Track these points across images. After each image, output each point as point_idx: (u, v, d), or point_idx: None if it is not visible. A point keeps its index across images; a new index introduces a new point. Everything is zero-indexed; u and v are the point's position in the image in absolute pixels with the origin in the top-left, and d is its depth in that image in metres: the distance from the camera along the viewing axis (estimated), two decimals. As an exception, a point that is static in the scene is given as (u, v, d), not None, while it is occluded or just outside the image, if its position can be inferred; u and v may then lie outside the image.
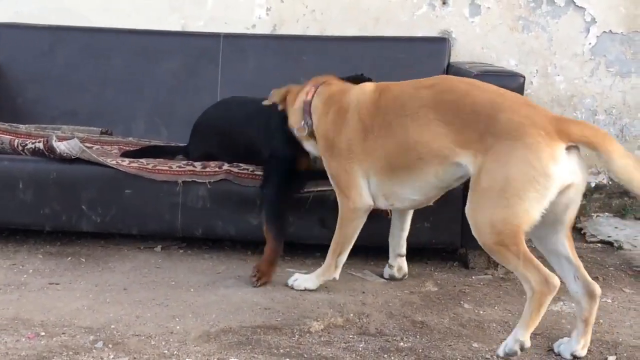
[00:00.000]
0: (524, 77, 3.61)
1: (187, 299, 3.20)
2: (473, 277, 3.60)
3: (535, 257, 2.72)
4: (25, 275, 3.43)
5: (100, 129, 4.27)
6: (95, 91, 4.44)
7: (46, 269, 3.52)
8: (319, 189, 3.58)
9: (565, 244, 2.80)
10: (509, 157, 2.67)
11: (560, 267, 2.84)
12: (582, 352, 2.80)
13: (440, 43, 4.41)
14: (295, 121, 3.41)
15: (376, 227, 3.61)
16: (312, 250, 3.82)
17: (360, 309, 3.18)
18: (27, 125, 4.20)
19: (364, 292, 3.36)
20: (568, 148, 2.66)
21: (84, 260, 3.66)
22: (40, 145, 3.69)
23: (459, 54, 4.52)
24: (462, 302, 3.29)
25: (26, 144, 3.74)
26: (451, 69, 4.18)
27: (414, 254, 3.83)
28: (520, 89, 3.56)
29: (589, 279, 2.81)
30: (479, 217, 2.77)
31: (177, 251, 3.82)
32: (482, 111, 2.80)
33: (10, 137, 3.87)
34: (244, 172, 3.64)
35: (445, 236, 3.65)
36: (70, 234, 3.91)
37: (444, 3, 4.54)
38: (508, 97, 2.86)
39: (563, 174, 2.64)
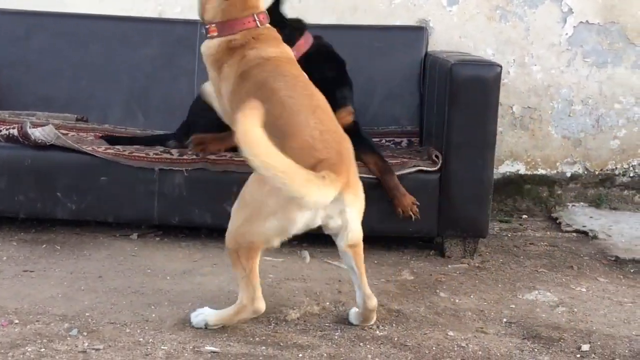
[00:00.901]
0: (501, 66, 3.62)
1: (162, 287, 3.19)
2: (449, 266, 3.62)
3: (258, 280, 2.80)
4: (-1, 263, 3.41)
5: (75, 116, 4.24)
6: (71, 77, 4.41)
7: (20, 256, 3.50)
8: None
9: (347, 257, 2.89)
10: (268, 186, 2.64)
11: (352, 277, 2.93)
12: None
13: (418, 32, 4.41)
14: None
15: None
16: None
17: (337, 297, 3.18)
18: (1, 112, 4.16)
19: (340, 281, 3.36)
20: None
21: (59, 247, 3.63)
22: (15, 132, 3.66)
23: (437, 43, 4.52)
24: (438, 291, 3.30)
25: (0, 130, 3.71)
26: (428, 58, 4.18)
27: (390, 242, 3.84)
28: (497, 79, 3.58)
29: (368, 291, 2.90)
30: (233, 219, 2.81)
31: (154, 239, 3.80)
32: (281, 130, 2.76)
33: None
34: (221, 159, 3.62)
35: (421, 225, 3.66)
36: (45, 222, 3.88)
37: (422, -8, 4.54)
38: (308, 126, 2.79)
39: (308, 219, 2.73)
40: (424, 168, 3.62)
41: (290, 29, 3.57)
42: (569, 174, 4.62)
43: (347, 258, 2.91)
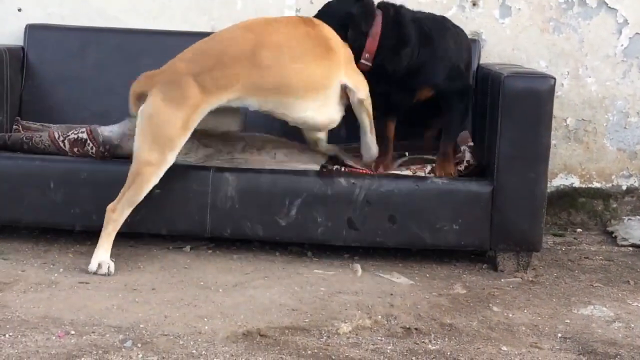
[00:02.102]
0: (555, 78, 3.58)
1: (215, 300, 3.21)
2: (502, 280, 3.58)
3: None
4: (55, 274, 3.45)
5: None
6: (125, 93, 4.42)
7: (76, 268, 3.55)
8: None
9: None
10: None
11: None
12: None
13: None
14: None
15: (404, 228, 3.62)
16: (340, 251, 3.82)
17: (389, 310, 3.17)
18: (58, 125, 4.24)
19: (391, 294, 3.35)
20: None
21: (113, 259, 3.66)
22: (84, 135, 3.76)
23: (489, 56, 4.49)
24: (490, 305, 3.27)
25: (68, 135, 3.80)
26: (481, 70, 4.16)
27: (442, 255, 3.82)
28: (551, 91, 3.54)
29: None
30: None
31: (206, 251, 3.83)
32: None
33: (48, 132, 3.94)
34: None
35: (473, 238, 3.64)
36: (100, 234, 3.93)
37: (474, 4, 4.52)
38: None
39: None
40: (471, 161, 3.68)
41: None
42: (624, 187, 4.54)
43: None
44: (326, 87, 3.56)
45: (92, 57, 4.47)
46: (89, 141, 3.76)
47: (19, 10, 4.63)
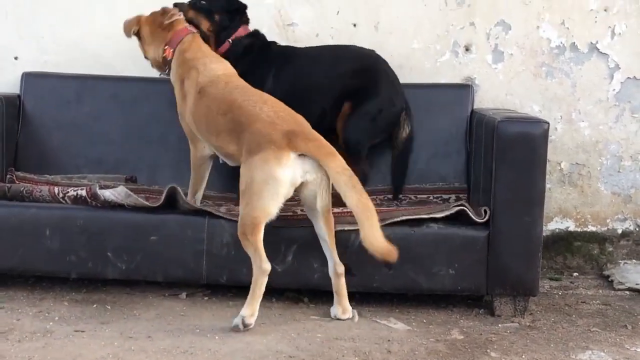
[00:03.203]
0: (549, 123, 3.61)
1: (211, 347, 3.19)
2: (499, 325, 3.57)
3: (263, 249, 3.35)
4: (51, 323, 3.43)
5: (125, 176, 4.30)
6: (120, 139, 4.47)
7: (72, 316, 3.53)
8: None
9: (322, 227, 3.48)
10: (250, 166, 3.35)
11: (323, 247, 3.51)
12: (342, 316, 3.52)
13: (464, 90, 4.42)
14: None
15: (400, 273, 3.61)
16: (337, 297, 3.81)
17: (386, 357, 3.15)
18: (53, 176, 4.25)
19: (389, 340, 3.33)
20: (300, 155, 3.33)
21: (109, 307, 3.66)
22: (83, 193, 3.75)
23: (483, 101, 4.53)
24: (488, 351, 3.26)
25: (67, 192, 3.79)
26: (475, 116, 4.19)
27: (439, 300, 3.81)
28: (545, 135, 3.57)
29: (337, 259, 3.49)
30: (240, 211, 3.39)
31: (202, 298, 3.81)
32: (244, 123, 3.47)
33: (49, 186, 3.96)
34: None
35: (470, 283, 3.64)
36: (96, 281, 3.92)
37: (467, 50, 4.56)
38: (263, 112, 3.46)
39: (290, 175, 3.31)
40: (469, 211, 3.61)
41: None
42: (620, 231, 4.55)
43: (321, 232, 3.47)
44: None
45: (88, 105, 4.50)
46: (89, 200, 3.74)
47: (16, 58, 4.67)
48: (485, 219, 3.60)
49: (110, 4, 4.65)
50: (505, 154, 3.57)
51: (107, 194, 3.70)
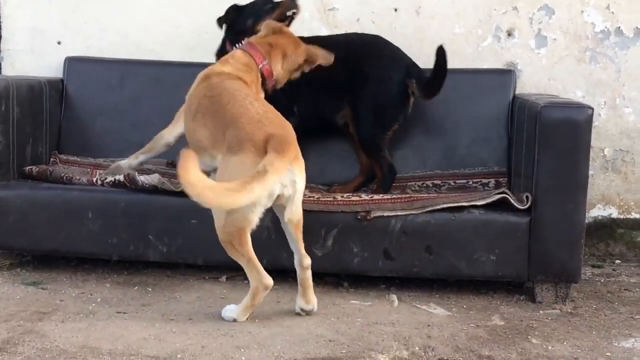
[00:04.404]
0: (593, 108, 3.56)
1: (251, 330, 3.21)
2: (540, 312, 3.54)
3: (257, 261, 3.26)
4: (93, 304, 3.47)
5: (166, 160, 4.33)
6: (162, 124, 4.47)
7: (114, 298, 3.57)
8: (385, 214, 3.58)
9: (289, 229, 3.34)
10: (227, 168, 3.20)
11: (289, 240, 3.39)
12: (307, 307, 3.39)
13: (506, 75, 4.37)
14: None
15: (441, 259, 3.60)
16: (376, 281, 3.81)
17: (426, 342, 3.14)
18: (96, 159, 4.30)
19: (429, 325, 3.32)
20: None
21: (150, 289, 3.69)
22: (121, 178, 3.78)
23: (525, 86, 4.49)
24: (529, 337, 3.23)
25: (106, 178, 3.83)
26: (517, 101, 4.15)
27: (479, 286, 3.79)
28: (589, 121, 3.52)
29: (303, 252, 3.37)
30: (215, 217, 3.29)
31: (242, 282, 3.83)
32: (226, 122, 3.28)
33: (92, 168, 4.06)
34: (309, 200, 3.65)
35: (511, 269, 3.61)
36: (137, 264, 3.96)
37: (509, 35, 4.52)
38: (249, 111, 3.27)
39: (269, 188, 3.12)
40: (510, 198, 3.57)
41: None
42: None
43: (288, 230, 3.36)
44: None
45: (130, 89, 4.53)
46: (128, 185, 3.77)
47: (59, 43, 4.72)
48: (527, 206, 3.57)
49: (152, -11, 4.69)
50: (548, 140, 3.53)
51: (143, 179, 3.73)
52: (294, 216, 3.30)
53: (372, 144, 4.04)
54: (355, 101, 4.04)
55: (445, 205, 3.60)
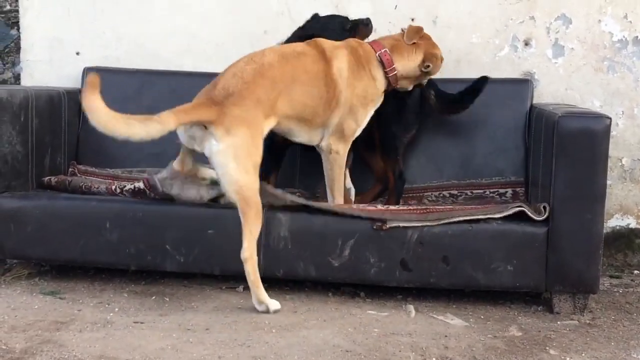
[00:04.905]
0: (610, 118, 3.55)
1: (268, 340, 3.21)
2: (558, 323, 3.52)
3: None
4: (111, 314, 3.48)
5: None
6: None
7: (131, 307, 3.58)
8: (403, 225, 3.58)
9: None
10: None
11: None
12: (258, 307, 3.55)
13: (523, 84, 4.37)
14: None
15: (458, 269, 3.59)
16: (393, 292, 3.80)
17: (443, 352, 3.13)
18: (113, 169, 4.31)
19: (446, 336, 3.31)
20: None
21: (167, 299, 3.70)
22: (141, 185, 3.80)
23: (542, 95, 4.47)
24: (547, 348, 3.22)
25: (125, 186, 3.85)
26: (534, 110, 4.13)
27: (496, 297, 3.78)
28: (607, 131, 3.51)
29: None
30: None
31: (259, 292, 3.83)
32: None
33: (110, 179, 4.08)
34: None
35: (528, 279, 3.60)
36: (155, 274, 3.97)
37: (526, 44, 4.51)
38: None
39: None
40: (528, 211, 3.56)
41: None
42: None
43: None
44: None
45: (147, 99, 4.54)
46: (148, 192, 3.79)
47: (77, 53, 4.75)
48: (545, 217, 3.55)
49: (169, 1, 4.70)
50: (566, 150, 3.52)
51: (159, 177, 3.78)
52: (225, 185, 3.43)
53: (391, 145, 4.08)
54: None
55: (461, 219, 3.59)
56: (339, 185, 3.85)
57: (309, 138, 3.83)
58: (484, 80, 4.06)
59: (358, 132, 3.87)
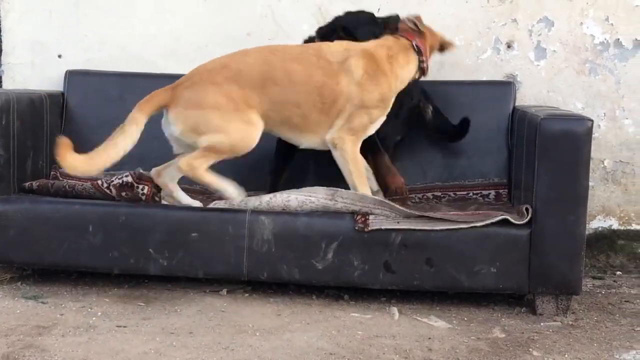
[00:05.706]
0: (592, 120, 3.56)
1: (252, 344, 3.20)
2: (541, 324, 3.54)
3: None
4: (94, 318, 3.47)
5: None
6: (163, 137, 4.49)
7: (114, 311, 3.56)
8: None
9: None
10: None
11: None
12: None
13: (505, 86, 4.39)
14: None
15: (441, 272, 3.59)
16: (377, 294, 3.81)
17: (427, 355, 3.14)
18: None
19: (429, 338, 3.32)
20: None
21: (151, 303, 3.69)
22: (129, 179, 3.84)
23: (524, 98, 4.49)
24: (530, 350, 3.23)
25: (112, 181, 3.84)
26: (517, 113, 4.15)
27: (479, 299, 3.79)
28: (588, 133, 3.52)
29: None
30: None
31: (243, 295, 3.83)
32: None
33: (90, 181, 4.02)
34: None
35: (512, 281, 3.61)
36: (138, 277, 3.95)
37: (508, 47, 4.53)
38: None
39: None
40: (511, 219, 3.57)
41: None
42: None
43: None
44: None
45: (130, 102, 4.47)
46: (136, 185, 3.80)
47: (59, 56, 4.73)
48: (527, 219, 3.56)
49: (152, 4, 4.69)
50: (548, 152, 3.54)
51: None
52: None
53: (383, 145, 4.09)
54: None
55: (443, 227, 3.58)
56: (360, 180, 3.80)
57: (308, 144, 3.86)
58: (466, 120, 4.16)
59: (371, 131, 3.88)
